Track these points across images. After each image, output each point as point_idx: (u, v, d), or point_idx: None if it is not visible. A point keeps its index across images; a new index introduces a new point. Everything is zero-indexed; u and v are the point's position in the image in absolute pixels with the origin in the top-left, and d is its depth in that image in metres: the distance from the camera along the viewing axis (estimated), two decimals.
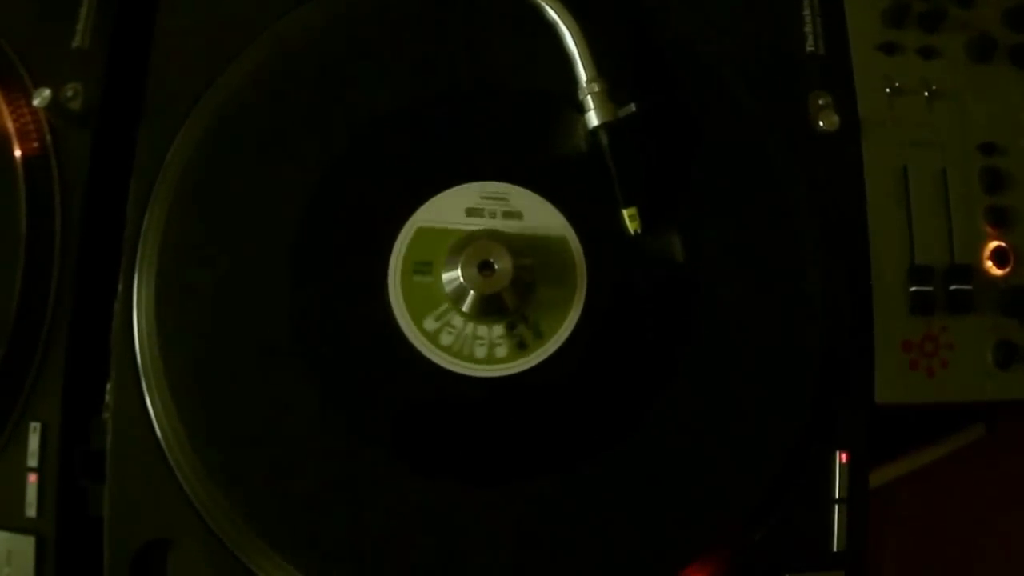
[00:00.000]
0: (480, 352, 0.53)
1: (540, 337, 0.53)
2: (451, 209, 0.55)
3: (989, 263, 0.58)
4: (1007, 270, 0.58)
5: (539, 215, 0.55)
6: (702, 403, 0.53)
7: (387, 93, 0.56)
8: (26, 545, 0.53)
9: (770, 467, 0.52)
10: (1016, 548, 0.64)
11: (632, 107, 0.53)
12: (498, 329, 0.53)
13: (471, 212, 0.55)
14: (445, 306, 0.53)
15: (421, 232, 0.54)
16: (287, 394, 0.52)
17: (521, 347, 0.53)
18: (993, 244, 0.58)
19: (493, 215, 0.55)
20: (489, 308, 0.52)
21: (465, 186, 0.55)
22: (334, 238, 0.54)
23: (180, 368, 0.52)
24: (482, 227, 0.54)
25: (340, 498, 0.51)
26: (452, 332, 0.53)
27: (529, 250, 0.53)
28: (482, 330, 0.53)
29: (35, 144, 0.57)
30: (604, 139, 0.53)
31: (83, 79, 0.58)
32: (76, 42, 0.58)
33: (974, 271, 0.57)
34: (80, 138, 0.57)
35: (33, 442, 0.54)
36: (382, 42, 0.57)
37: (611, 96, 0.53)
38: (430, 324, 0.53)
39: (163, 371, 0.52)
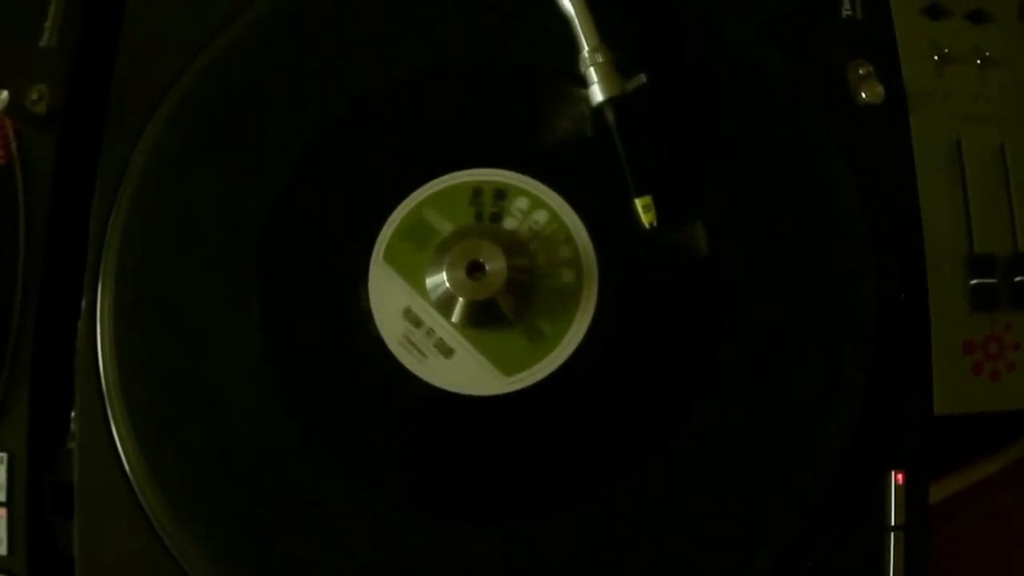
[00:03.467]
0: None
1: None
2: None
3: None
4: None
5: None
6: (735, 420, 0.44)
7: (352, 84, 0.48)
8: None
9: (816, 492, 0.43)
10: None
11: (642, 78, 0.43)
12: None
13: None
14: None
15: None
16: (263, 428, 0.44)
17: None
18: None
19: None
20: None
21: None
22: (308, 250, 0.46)
23: (141, 396, 0.45)
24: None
25: (324, 541, 0.43)
26: None
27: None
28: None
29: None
30: (610, 116, 0.44)
31: (49, 80, 0.51)
32: (44, 41, 0.52)
33: None
34: (45, 143, 0.50)
35: (0, 474, 0.47)
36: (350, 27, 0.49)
37: (618, 67, 0.44)
38: None
39: (122, 398, 0.45)
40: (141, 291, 0.46)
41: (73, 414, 0.47)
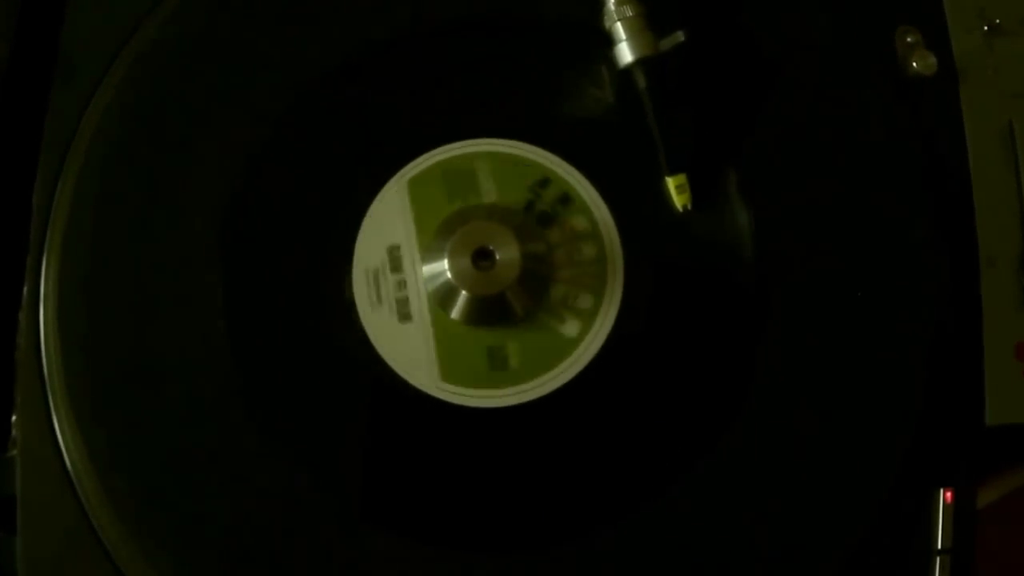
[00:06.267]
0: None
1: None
2: None
3: None
4: None
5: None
6: (775, 439, 0.38)
7: (339, 34, 0.41)
8: None
9: (863, 519, 0.37)
10: None
11: (679, 36, 0.36)
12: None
13: None
14: None
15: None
16: (225, 433, 0.38)
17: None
18: None
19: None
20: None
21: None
22: (281, 223, 0.39)
23: (90, 397, 0.39)
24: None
25: (286, 559, 0.37)
26: None
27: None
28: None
29: None
30: (641, 80, 0.38)
31: None
32: None
33: None
34: None
35: None
36: None
37: (649, 23, 0.37)
38: None
39: (69, 399, 0.38)
40: (90, 275, 0.40)
41: (14, 418, 0.41)
